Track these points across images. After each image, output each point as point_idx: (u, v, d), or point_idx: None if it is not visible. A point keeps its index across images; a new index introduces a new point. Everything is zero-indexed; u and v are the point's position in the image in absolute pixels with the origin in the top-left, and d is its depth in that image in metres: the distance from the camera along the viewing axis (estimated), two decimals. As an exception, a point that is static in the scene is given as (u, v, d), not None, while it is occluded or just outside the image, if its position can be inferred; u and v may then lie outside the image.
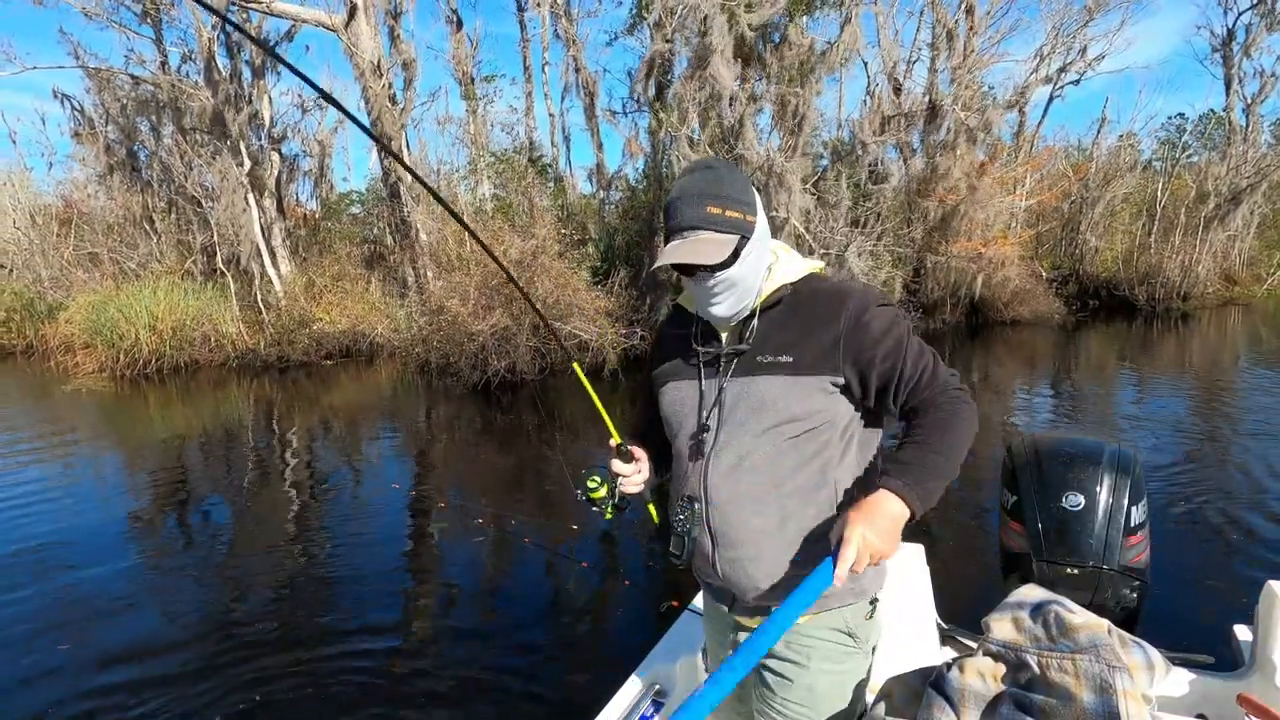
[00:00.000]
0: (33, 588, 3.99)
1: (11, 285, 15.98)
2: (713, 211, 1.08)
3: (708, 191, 1.09)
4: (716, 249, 1.09)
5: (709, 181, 1.09)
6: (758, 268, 1.16)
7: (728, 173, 1.12)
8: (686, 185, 1.10)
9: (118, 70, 13.56)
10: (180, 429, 8.25)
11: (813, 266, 1.23)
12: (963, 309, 14.70)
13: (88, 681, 3.02)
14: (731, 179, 1.11)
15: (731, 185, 1.10)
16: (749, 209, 1.12)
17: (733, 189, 1.10)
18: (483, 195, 14.19)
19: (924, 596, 1.59)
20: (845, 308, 1.13)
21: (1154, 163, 21.46)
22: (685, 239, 1.10)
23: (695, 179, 1.10)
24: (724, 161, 1.15)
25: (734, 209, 1.09)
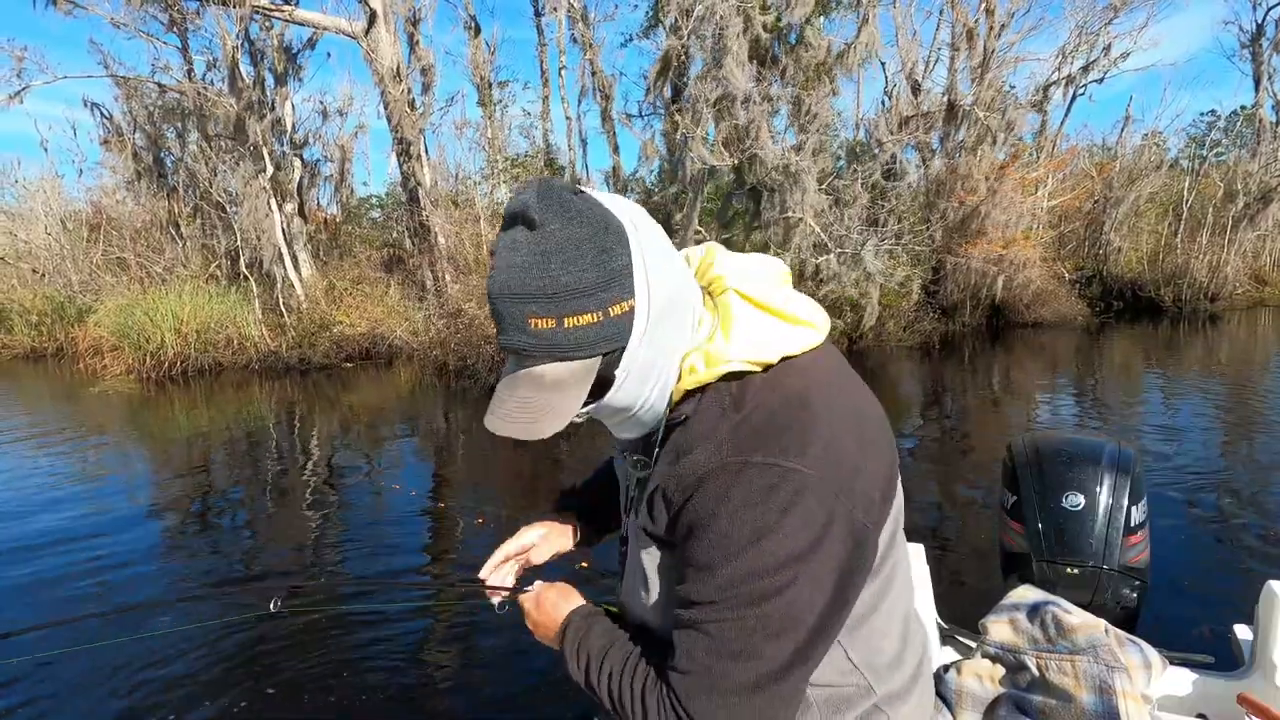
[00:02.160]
0: (59, 580, 4.09)
1: (43, 290, 16.39)
2: (539, 326, 0.65)
3: (523, 289, 0.64)
4: (553, 404, 0.68)
5: (522, 267, 0.64)
6: (656, 376, 0.73)
7: (558, 236, 0.64)
8: (494, 278, 0.67)
9: (145, 78, 13.86)
10: (205, 429, 8.42)
11: (744, 359, 0.72)
12: (983, 311, 14.53)
13: (105, 674, 3.09)
14: (565, 250, 0.63)
15: (567, 262, 0.63)
16: (615, 289, 0.65)
17: (569, 269, 0.63)
18: (500, 199, 14.32)
19: (924, 596, 1.59)
20: (707, 477, 0.68)
21: (1181, 161, 21.09)
22: (513, 377, 0.71)
23: (501, 261, 0.66)
24: (555, 209, 0.64)
25: (579, 309, 0.64)
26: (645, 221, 0.72)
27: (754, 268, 0.81)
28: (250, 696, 2.90)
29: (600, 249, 0.65)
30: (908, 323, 12.83)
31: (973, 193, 13.31)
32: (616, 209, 0.69)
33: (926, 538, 3.98)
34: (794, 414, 0.70)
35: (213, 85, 13.59)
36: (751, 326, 0.74)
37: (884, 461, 0.76)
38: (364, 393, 10.61)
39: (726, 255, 0.83)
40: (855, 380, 0.84)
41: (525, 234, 0.65)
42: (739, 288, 0.77)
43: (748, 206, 10.96)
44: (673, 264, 0.73)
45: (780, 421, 0.69)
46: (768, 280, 0.80)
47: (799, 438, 0.67)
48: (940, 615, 1.63)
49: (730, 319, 0.74)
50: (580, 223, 0.65)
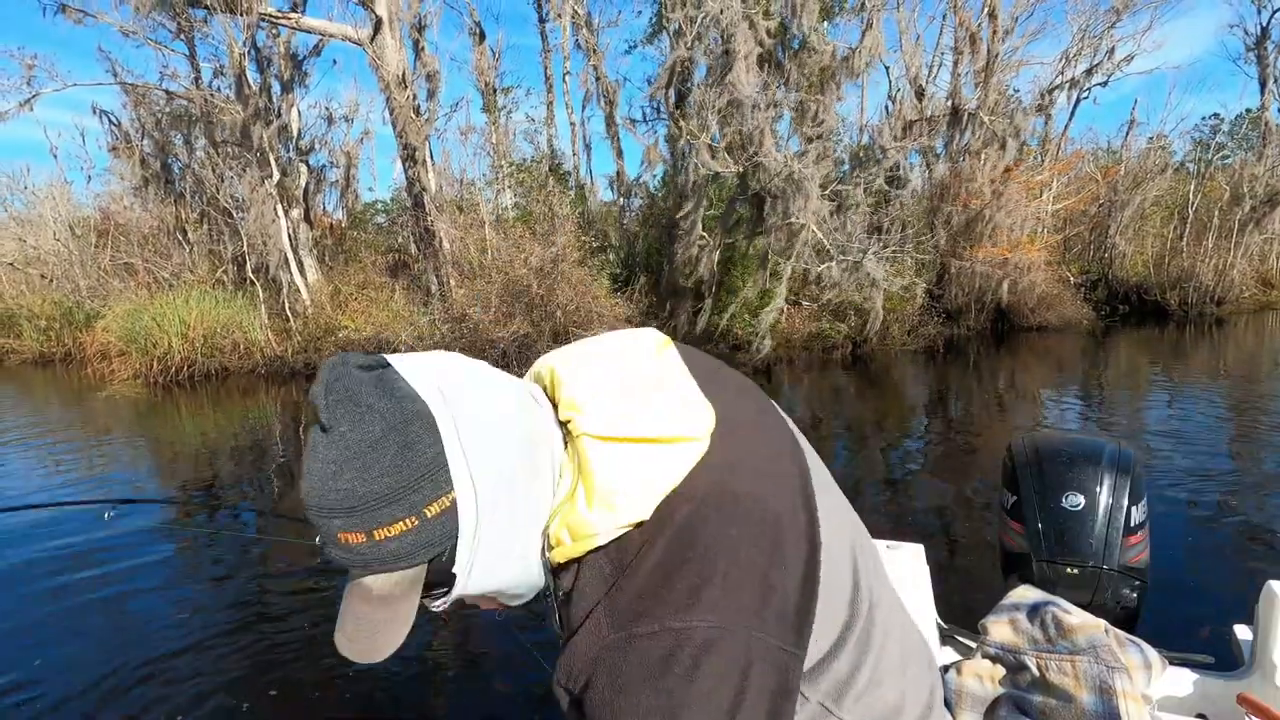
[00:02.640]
0: (63, 585, 4.12)
1: (52, 295, 16.51)
2: (350, 541, 0.57)
3: (324, 503, 0.57)
4: (385, 620, 0.61)
5: (320, 477, 0.56)
6: (513, 557, 0.64)
7: (350, 439, 0.56)
8: (302, 485, 0.58)
9: (153, 86, 13.99)
10: (211, 434, 8.46)
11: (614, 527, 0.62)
12: (988, 315, 14.51)
13: (108, 677, 3.11)
14: (359, 456, 0.56)
15: (364, 469, 0.55)
16: (426, 487, 0.57)
17: (367, 477, 0.55)
18: (504, 204, 14.37)
19: (924, 597, 1.60)
20: (596, 666, 0.59)
21: (1187, 164, 21.04)
22: (349, 587, 0.62)
23: (305, 467, 0.58)
24: (344, 407, 0.56)
25: (388, 519, 0.56)
26: (462, 387, 0.61)
27: (610, 384, 0.67)
28: (252, 698, 2.92)
29: (402, 445, 0.56)
30: (912, 327, 12.82)
31: (977, 196, 13.31)
32: (422, 383, 0.59)
33: (927, 538, 3.98)
34: (679, 561, 0.59)
35: (220, 92, 13.69)
36: (616, 480, 0.62)
37: (796, 545, 0.65)
38: (369, 397, 10.62)
39: (571, 379, 0.69)
40: (756, 424, 0.73)
41: (321, 437, 0.57)
42: (592, 429, 0.64)
43: (750, 212, 10.99)
44: (506, 428, 0.62)
45: (663, 574, 0.59)
46: (629, 392, 0.67)
47: (688, 587, 0.58)
48: (940, 615, 1.63)
49: (590, 476, 0.62)
50: (373, 418, 0.56)
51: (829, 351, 12.32)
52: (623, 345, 0.73)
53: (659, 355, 0.73)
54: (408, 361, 0.62)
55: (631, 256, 12.71)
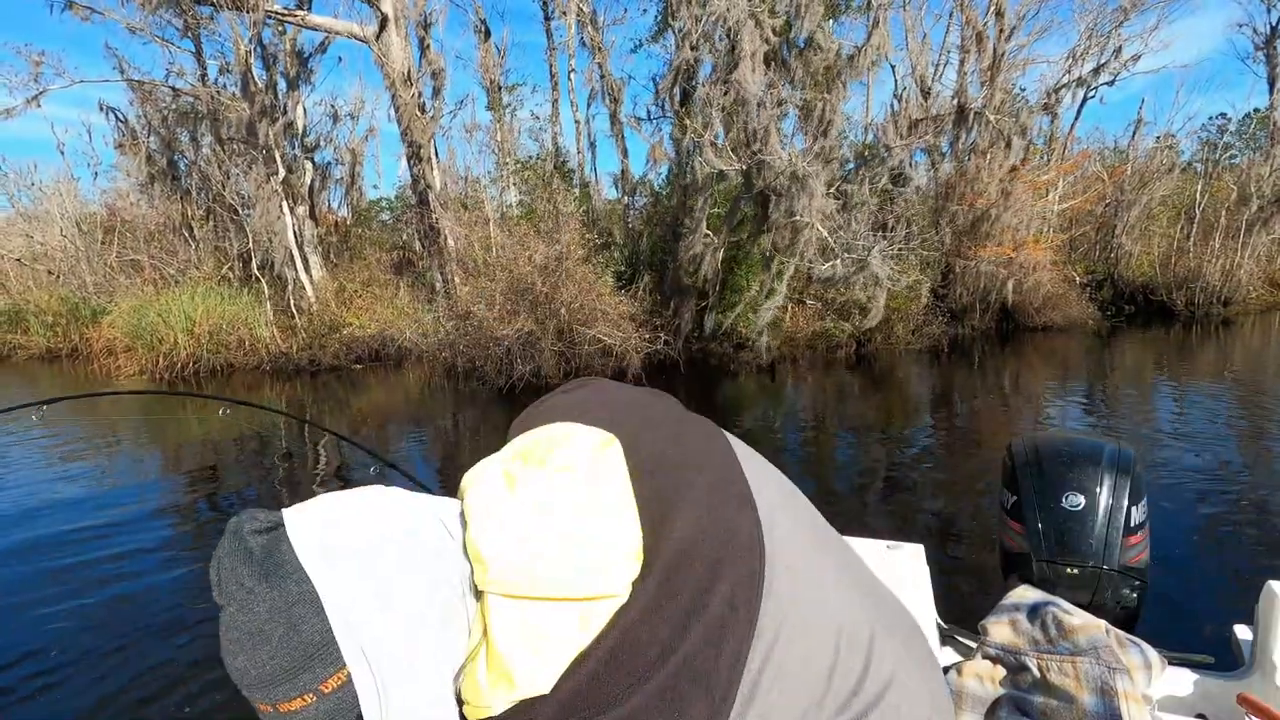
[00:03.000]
0: (71, 578, 4.15)
1: (59, 291, 16.59)
2: (264, 710, 0.58)
3: (233, 677, 0.58)
4: None
5: (225, 652, 0.57)
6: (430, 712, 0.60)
7: (239, 622, 0.56)
8: (222, 657, 0.59)
9: (159, 83, 14.04)
10: (216, 429, 8.50)
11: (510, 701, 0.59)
12: (993, 315, 14.48)
13: (116, 671, 3.14)
14: (248, 638, 0.56)
15: (253, 651, 0.56)
16: (316, 665, 0.56)
17: (256, 659, 0.56)
18: (509, 202, 14.39)
19: (924, 597, 1.60)
20: None
21: (1194, 164, 20.94)
22: None
23: (222, 642, 0.58)
24: (231, 588, 0.56)
25: (285, 696, 0.56)
26: (354, 553, 0.58)
27: (522, 523, 0.61)
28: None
29: (287, 627, 0.55)
30: (916, 326, 12.80)
31: (982, 196, 13.28)
32: (309, 554, 0.57)
33: (928, 538, 3.98)
34: None
35: (226, 89, 13.75)
36: (511, 651, 0.58)
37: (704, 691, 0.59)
38: (373, 394, 10.68)
39: (478, 518, 0.63)
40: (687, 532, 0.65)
41: (221, 614, 0.57)
42: (495, 585, 0.60)
43: (755, 211, 10.98)
44: (410, 588, 0.59)
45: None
46: (543, 536, 0.61)
47: None
48: (940, 615, 1.63)
49: (491, 641, 0.59)
50: (255, 602, 0.55)
51: (833, 351, 12.31)
52: (556, 455, 0.66)
53: (595, 466, 0.66)
54: (302, 525, 0.58)
55: (635, 255, 12.72)
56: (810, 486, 5.63)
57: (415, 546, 0.61)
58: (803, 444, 7.03)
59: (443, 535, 0.64)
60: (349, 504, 0.62)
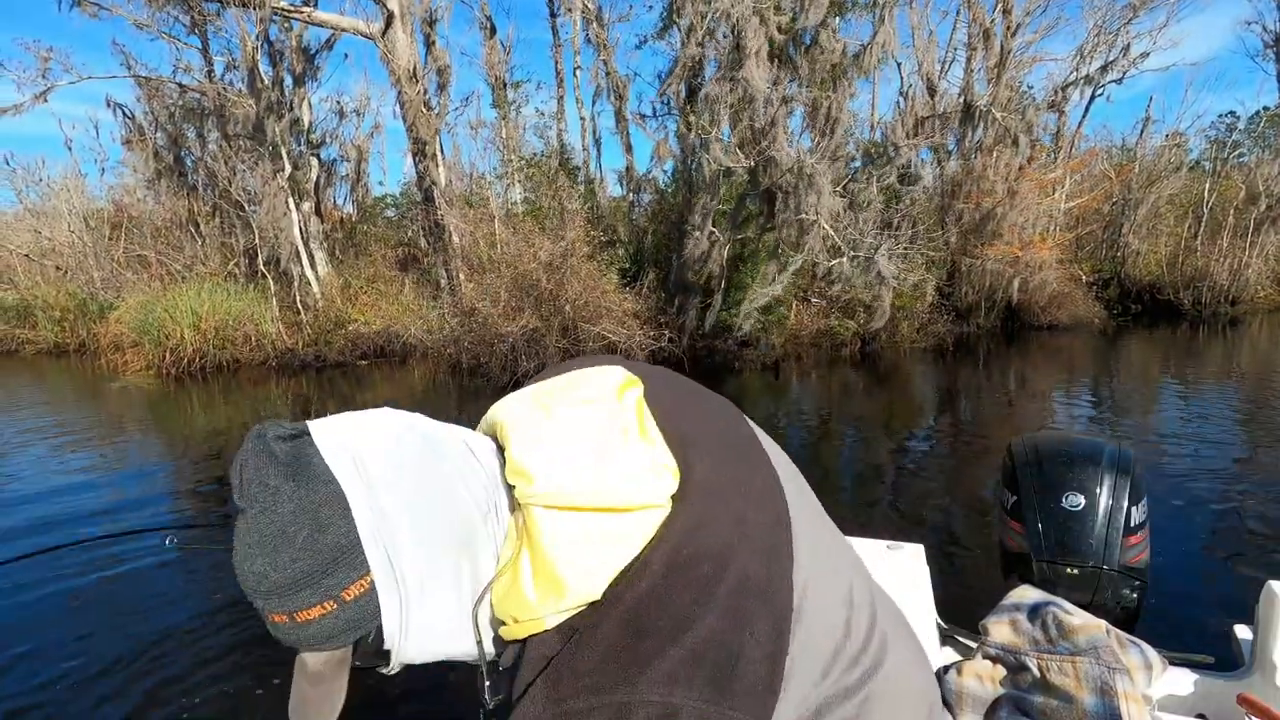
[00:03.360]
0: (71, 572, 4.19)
1: (66, 286, 16.68)
2: (277, 621, 0.57)
3: (247, 584, 0.56)
4: (318, 697, 0.60)
5: (241, 558, 0.56)
6: (451, 630, 0.61)
7: (261, 524, 0.55)
8: (235, 569, 0.57)
9: (166, 79, 14.09)
10: (222, 425, 8.55)
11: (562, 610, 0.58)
12: (998, 313, 14.44)
13: (111, 665, 3.16)
14: (270, 540, 0.55)
15: (274, 555, 0.54)
16: (340, 571, 0.55)
17: (277, 563, 0.55)
18: (514, 199, 14.40)
19: (924, 597, 1.60)
20: None
21: (1203, 163, 20.82)
22: (296, 663, 0.62)
23: (234, 549, 0.57)
24: (255, 489, 0.55)
25: (304, 604, 0.55)
26: (382, 460, 0.58)
27: (562, 442, 0.62)
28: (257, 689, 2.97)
29: (312, 530, 0.54)
30: (921, 325, 12.78)
31: (989, 194, 13.23)
32: (337, 459, 0.56)
33: (929, 538, 3.98)
34: (630, 637, 0.55)
35: (232, 86, 13.78)
36: (561, 559, 0.58)
37: (768, 605, 0.60)
38: (378, 390, 10.72)
39: (519, 438, 0.63)
40: (717, 472, 0.66)
41: (239, 518, 0.56)
42: (540, 498, 0.59)
43: (761, 208, 10.96)
44: (435, 500, 0.59)
45: (610, 650, 0.55)
46: (583, 453, 0.61)
47: (632, 659, 0.54)
48: (940, 615, 1.64)
49: (537, 551, 0.59)
50: (281, 502, 0.54)
51: (838, 349, 12.30)
52: (582, 390, 0.67)
53: (621, 401, 0.66)
54: (329, 432, 0.58)
55: (640, 252, 12.71)
56: (812, 484, 5.61)
57: (441, 464, 0.62)
58: (806, 442, 7.03)
59: (467, 456, 0.65)
60: (375, 420, 0.62)
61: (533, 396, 0.70)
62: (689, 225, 11.06)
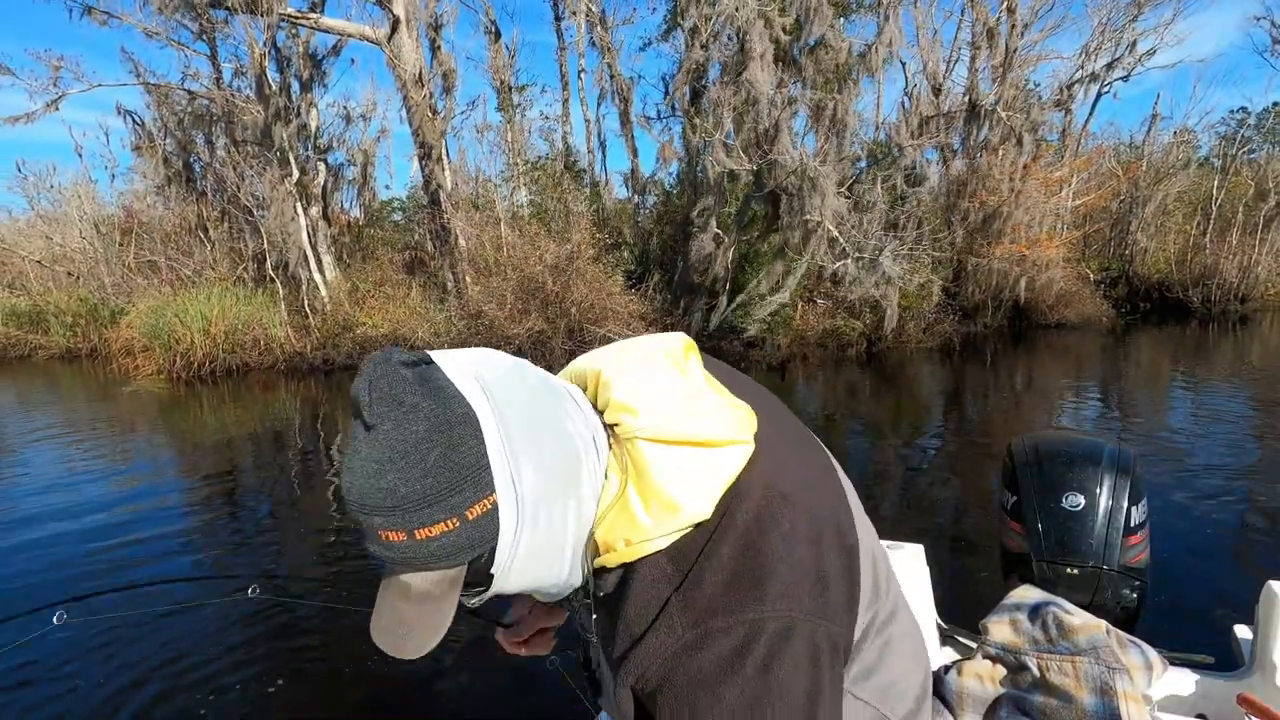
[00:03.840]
0: (83, 573, 4.24)
1: (78, 292, 16.84)
2: (391, 539, 0.57)
3: (365, 501, 0.56)
4: (422, 618, 0.60)
5: (362, 475, 0.56)
6: (554, 557, 0.64)
7: (392, 439, 0.55)
8: (345, 483, 0.58)
9: (175, 86, 14.19)
10: (231, 428, 8.61)
11: (673, 531, 0.64)
12: (1005, 312, 14.39)
13: (127, 669, 3.19)
14: (402, 455, 0.55)
15: (405, 470, 0.55)
16: (468, 489, 0.56)
17: (407, 477, 0.55)
18: (520, 202, 14.45)
19: (924, 597, 1.61)
20: (673, 663, 0.62)
21: (1212, 160, 20.67)
22: (386, 581, 0.63)
23: (347, 464, 0.58)
24: (387, 405, 0.56)
25: (428, 520, 0.56)
26: (508, 388, 0.61)
27: (657, 387, 0.68)
28: (246, 681, 3.00)
29: (446, 447, 0.56)
30: (928, 324, 12.75)
31: (994, 193, 13.19)
32: (468, 383, 0.59)
33: (930, 538, 3.98)
34: (743, 557, 0.63)
35: (240, 92, 13.88)
36: (670, 483, 0.63)
37: (840, 540, 0.69)
38: (386, 393, 10.74)
39: (620, 382, 0.68)
40: (788, 433, 0.77)
41: (364, 434, 0.56)
42: (645, 432, 0.65)
43: (765, 210, 10.97)
44: (550, 430, 0.62)
45: (731, 571, 0.62)
46: (677, 393, 0.68)
47: (754, 580, 0.62)
48: (940, 615, 1.64)
49: (647, 479, 0.64)
50: (416, 418, 0.55)
51: (844, 349, 12.28)
52: (657, 349, 0.73)
53: (688, 360, 0.73)
54: (453, 359, 0.61)
55: (646, 254, 12.74)
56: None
57: (553, 397, 0.65)
58: (812, 443, 7.02)
59: (570, 395, 0.68)
60: (490, 353, 0.65)
61: (613, 352, 0.74)
62: (694, 227, 11.08)
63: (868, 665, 0.75)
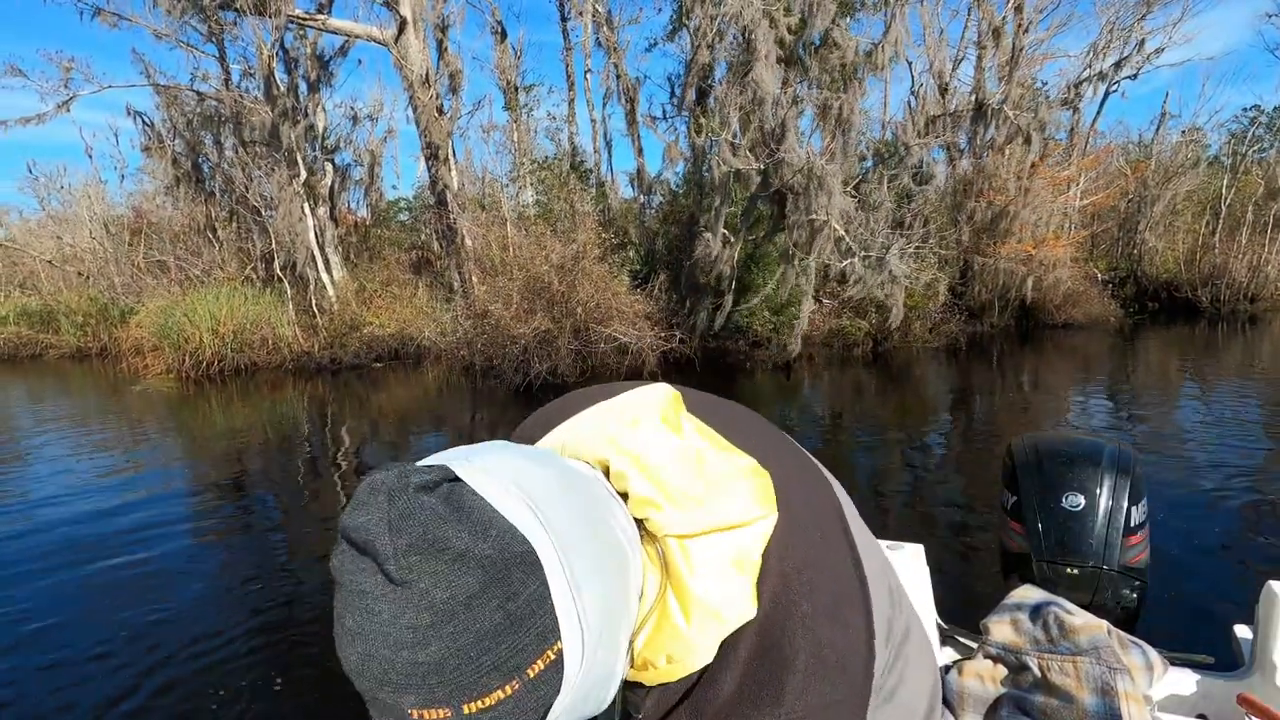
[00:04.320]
0: (93, 570, 4.28)
1: (88, 291, 16.99)
2: (432, 716, 0.44)
3: (393, 675, 0.44)
4: None
5: (386, 642, 0.43)
6: (597, 692, 0.52)
7: (436, 597, 0.43)
8: (350, 648, 0.45)
9: (184, 87, 14.31)
10: (240, 427, 8.67)
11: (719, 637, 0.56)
12: (1012, 312, 14.34)
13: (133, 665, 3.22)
14: (450, 619, 0.43)
15: (455, 635, 0.43)
16: (531, 644, 0.45)
17: (458, 644, 0.43)
18: (526, 202, 14.48)
19: (924, 597, 1.61)
20: None
21: (1222, 158, 20.53)
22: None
23: (353, 623, 0.45)
24: (423, 551, 0.43)
25: (483, 690, 0.44)
26: (553, 494, 0.49)
27: (671, 464, 0.59)
28: (249, 679, 3.03)
29: (504, 599, 0.44)
30: (934, 324, 12.72)
31: (1001, 192, 13.14)
32: (512, 504, 0.47)
33: (931, 538, 3.98)
34: (760, 655, 0.57)
35: (249, 93, 13.97)
36: (712, 587, 0.55)
37: (859, 592, 0.63)
38: (393, 392, 10.82)
39: (634, 468, 0.58)
40: (789, 468, 0.68)
41: (381, 591, 0.43)
42: (676, 527, 0.56)
43: (771, 210, 10.96)
44: (604, 542, 0.51)
45: (745, 671, 0.57)
46: (688, 468, 0.59)
47: (772, 678, 0.56)
48: (940, 615, 1.64)
49: (683, 584, 0.55)
50: (466, 570, 0.43)
51: (849, 348, 12.27)
52: (648, 410, 0.63)
53: (679, 416, 0.64)
54: (485, 471, 0.48)
55: (652, 253, 12.75)
56: (824, 485, 5.62)
57: (596, 498, 0.54)
58: (817, 442, 7.03)
59: (603, 484, 0.58)
60: (516, 452, 0.53)
61: (598, 419, 0.64)
62: (700, 227, 11.08)
63: (890, 690, 0.70)
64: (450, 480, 0.46)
